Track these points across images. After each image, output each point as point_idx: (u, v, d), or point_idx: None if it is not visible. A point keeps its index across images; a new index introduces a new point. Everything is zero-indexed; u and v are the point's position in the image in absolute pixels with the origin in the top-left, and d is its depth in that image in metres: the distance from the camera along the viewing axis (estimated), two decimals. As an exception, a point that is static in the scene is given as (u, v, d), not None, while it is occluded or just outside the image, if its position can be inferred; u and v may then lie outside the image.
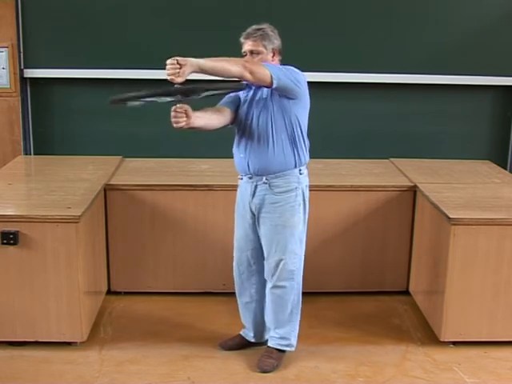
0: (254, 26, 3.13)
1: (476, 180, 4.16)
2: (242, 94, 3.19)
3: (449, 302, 3.41)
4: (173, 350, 3.42)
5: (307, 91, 3.12)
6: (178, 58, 2.74)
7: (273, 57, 3.13)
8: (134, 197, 3.90)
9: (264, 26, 3.14)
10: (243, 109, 3.16)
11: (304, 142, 3.16)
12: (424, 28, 4.59)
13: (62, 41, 4.50)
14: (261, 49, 3.09)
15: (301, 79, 3.07)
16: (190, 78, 2.76)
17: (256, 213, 3.19)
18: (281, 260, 3.17)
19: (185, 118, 2.88)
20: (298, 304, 3.29)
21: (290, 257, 3.18)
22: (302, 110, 3.13)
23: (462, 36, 4.61)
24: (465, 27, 4.60)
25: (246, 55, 3.11)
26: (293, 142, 3.10)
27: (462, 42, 4.62)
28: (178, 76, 2.73)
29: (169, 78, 2.76)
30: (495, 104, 4.83)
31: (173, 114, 2.87)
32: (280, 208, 3.14)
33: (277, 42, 3.14)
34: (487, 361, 3.40)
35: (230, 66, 2.85)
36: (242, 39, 3.13)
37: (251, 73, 2.87)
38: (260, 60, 3.06)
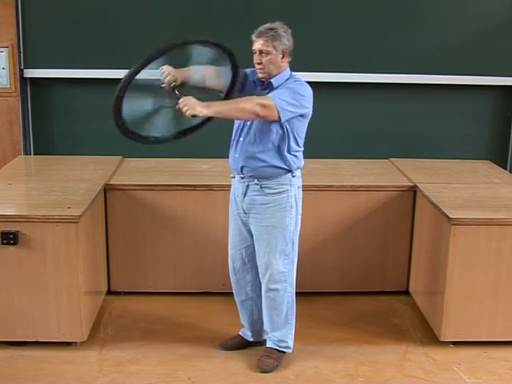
0: (267, 25, 3.03)
1: (476, 180, 4.16)
2: (252, 79, 3.12)
3: (449, 302, 3.41)
4: (173, 350, 3.42)
5: (311, 107, 3.07)
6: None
7: (282, 58, 3.04)
8: (134, 197, 3.90)
9: (277, 25, 3.03)
10: None
11: (300, 148, 3.13)
12: (424, 28, 4.59)
13: (62, 41, 4.49)
14: (270, 49, 3.00)
15: (307, 103, 3.03)
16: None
17: (247, 213, 3.18)
18: (271, 261, 3.16)
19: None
20: (292, 306, 3.28)
21: (281, 258, 3.16)
22: (302, 122, 3.09)
23: (462, 36, 4.61)
24: (465, 27, 4.60)
25: (255, 53, 3.04)
26: (288, 149, 3.07)
27: (463, 42, 4.61)
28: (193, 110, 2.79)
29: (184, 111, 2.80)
30: (495, 104, 4.83)
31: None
32: (271, 209, 3.12)
33: (288, 44, 3.04)
34: (487, 361, 3.40)
35: (243, 104, 2.88)
36: (253, 37, 3.03)
37: (261, 107, 2.88)
38: (269, 61, 3.00)
